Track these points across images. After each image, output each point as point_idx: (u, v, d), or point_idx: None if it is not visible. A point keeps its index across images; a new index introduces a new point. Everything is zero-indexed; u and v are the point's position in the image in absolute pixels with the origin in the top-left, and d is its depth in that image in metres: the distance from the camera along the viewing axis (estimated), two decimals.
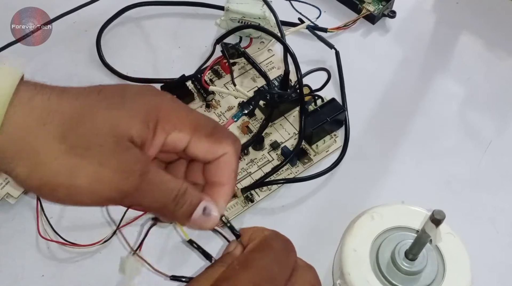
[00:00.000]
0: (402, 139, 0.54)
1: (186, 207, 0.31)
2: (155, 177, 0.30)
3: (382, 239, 0.44)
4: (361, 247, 0.44)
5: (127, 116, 0.30)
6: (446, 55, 0.60)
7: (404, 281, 0.43)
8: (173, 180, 0.31)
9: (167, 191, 0.31)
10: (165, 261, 0.47)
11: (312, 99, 0.53)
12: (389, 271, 0.43)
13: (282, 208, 0.50)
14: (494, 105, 0.56)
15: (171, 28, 0.61)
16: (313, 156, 0.52)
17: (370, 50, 0.60)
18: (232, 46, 0.56)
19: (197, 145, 0.32)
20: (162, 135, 0.31)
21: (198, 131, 0.32)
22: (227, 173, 0.33)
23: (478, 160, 0.53)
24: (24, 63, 0.56)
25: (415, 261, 0.42)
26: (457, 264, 0.43)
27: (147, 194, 0.30)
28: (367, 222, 0.45)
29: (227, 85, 0.56)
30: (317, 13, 0.61)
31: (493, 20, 0.62)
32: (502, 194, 0.51)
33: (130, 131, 0.30)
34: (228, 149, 0.33)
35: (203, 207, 0.32)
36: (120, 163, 0.29)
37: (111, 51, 0.59)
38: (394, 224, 0.45)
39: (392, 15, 0.61)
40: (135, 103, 0.31)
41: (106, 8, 0.61)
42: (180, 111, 0.32)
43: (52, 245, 0.47)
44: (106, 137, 0.29)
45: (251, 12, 0.57)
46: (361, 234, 0.44)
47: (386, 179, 0.52)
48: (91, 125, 0.29)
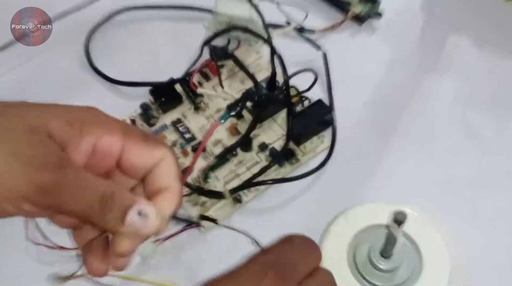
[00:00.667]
0: (390, 139, 0.55)
1: (117, 210, 0.28)
2: (77, 175, 0.28)
3: (358, 240, 0.45)
4: (337, 250, 0.44)
5: (46, 113, 0.29)
6: (435, 55, 0.60)
7: (382, 279, 0.43)
8: (100, 180, 0.29)
9: (92, 191, 0.28)
10: None
11: (299, 101, 0.54)
12: (367, 270, 0.43)
13: (270, 209, 0.50)
14: (485, 104, 0.57)
15: (159, 32, 0.62)
16: (301, 157, 0.53)
17: (358, 51, 0.60)
18: (221, 48, 0.56)
19: (132, 150, 0.30)
20: (90, 138, 0.29)
21: (130, 135, 0.30)
22: (169, 176, 0.31)
23: (468, 161, 0.53)
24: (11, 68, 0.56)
25: (390, 259, 0.43)
26: (435, 259, 0.44)
27: (68, 193, 0.27)
28: (342, 224, 0.46)
29: (215, 87, 0.56)
30: (304, 15, 0.62)
31: (482, 18, 0.62)
32: (502, 194, 0.51)
33: (48, 126, 0.28)
34: (165, 152, 0.31)
35: (138, 209, 0.28)
36: (35, 155, 0.27)
37: (100, 55, 0.59)
38: (368, 224, 0.45)
39: (380, 15, 0.61)
40: (59, 107, 0.30)
41: (95, 13, 0.61)
42: (108, 118, 0.31)
43: (41, 249, 0.47)
44: (21, 130, 0.27)
45: (239, 15, 0.57)
46: (336, 238, 0.45)
47: (374, 179, 0.52)
48: (6, 119, 0.28)
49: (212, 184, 0.51)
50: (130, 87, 0.57)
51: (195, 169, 0.51)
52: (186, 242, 0.49)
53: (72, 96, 0.57)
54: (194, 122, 0.54)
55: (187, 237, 0.49)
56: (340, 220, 0.46)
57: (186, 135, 0.53)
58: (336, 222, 0.46)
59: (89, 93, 0.57)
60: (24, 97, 0.55)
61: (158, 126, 0.54)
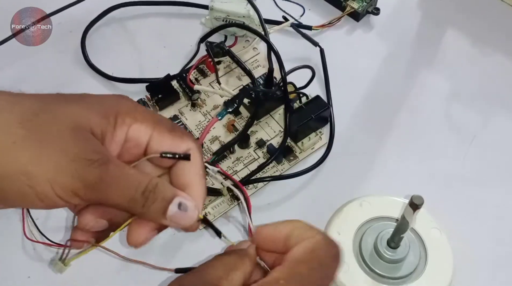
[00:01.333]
0: (388, 135, 0.55)
1: (159, 203, 0.29)
2: (120, 170, 0.29)
3: (366, 228, 0.45)
4: (345, 233, 0.44)
5: (86, 109, 0.29)
6: (431, 51, 0.61)
7: (386, 269, 0.43)
8: (141, 174, 0.30)
9: (135, 184, 0.29)
10: (156, 255, 0.47)
11: (297, 97, 0.53)
12: (372, 260, 0.43)
13: (268, 206, 0.50)
14: (478, 100, 0.57)
15: (156, 28, 0.61)
16: (298, 154, 0.52)
17: (355, 47, 0.60)
18: (217, 45, 0.56)
19: (159, 140, 0.31)
20: (123, 128, 0.30)
21: (159, 125, 0.31)
22: (195, 171, 0.32)
23: (463, 154, 0.53)
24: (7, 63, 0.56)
25: (397, 250, 0.43)
26: (439, 253, 0.44)
27: (113, 187, 0.28)
28: (355, 209, 0.46)
29: (212, 84, 0.56)
30: (301, 11, 0.61)
31: (477, 16, 0.63)
32: (486, 187, 0.52)
33: (89, 123, 0.29)
34: (191, 144, 0.32)
35: (178, 202, 0.30)
36: (82, 151, 0.28)
37: (96, 51, 0.59)
38: (378, 214, 0.46)
39: (376, 12, 0.61)
40: (93, 99, 0.30)
41: (91, 9, 0.60)
42: (139, 107, 0.32)
43: (38, 246, 0.47)
44: (66, 127, 0.28)
45: (236, 11, 0.57)
46: (347, 219, 0.45)
47: (372, 175, 0.52)
48: (50, 115, 0.28)
49: (210, 181, 0.50)
50: (127, 84, 0.57)
51: None
52: None
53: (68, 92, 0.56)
54: (191, 119, 0.54)
55: None
56: (354, 205, 0.46)
57: None
58: (349, 206, 0.46)
59: (85, 89, 0.56)
60: None
61: None
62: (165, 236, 0.48)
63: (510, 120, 0.56)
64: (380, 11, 0.61)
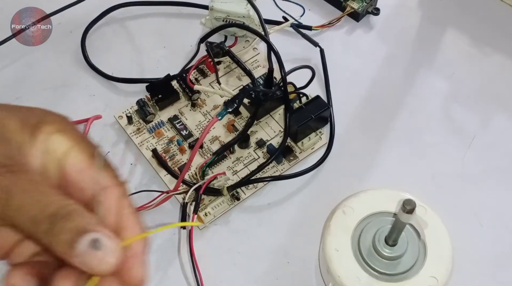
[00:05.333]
0: (388, 135, 0.55)
1: (67, 233, 0.24)
2: (32, 184, 0.25)
3: (362, 227, 0.45)
4: (342, 244, 0.44)
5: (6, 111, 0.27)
6: (431, 52, 0.60)
7: (386, 266, 0.43)
8: (59, 196, 0.25)
9: (43, 203, 0.24)
10: None
11: (297, 97, 0.53)
12: (370, 257, 0.44)
13: (268, 206, 0.50)
14: (478, 101, 0.57)
15: (156, 28, 0.61)
16: (298, 154, 0.52)
17: (355, 47, 0.60)
18: (217, 45, 0.56)
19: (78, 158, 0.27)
20: (43, 137, 0.27)
21: (82, 144, 0.28)
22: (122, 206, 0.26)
23: (462, 155, 0.53)
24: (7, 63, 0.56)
25: (395, 247, 0.43)
26: (438, 250, 0.44)
27: (16, 201, 0.24)
28: (340, 218, 0.45)
29: (212, 84, 0.56)
30: (301, 11, 0.61)
31: (477, 16, 0.63)
32: (485, 188, 0.52)
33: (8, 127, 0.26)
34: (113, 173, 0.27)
35: (93, 238, 0.23)
36: None
37: (96, 51, 0.58)
38: (369, 212, 0.46)
39: (376, 12, 0.61)
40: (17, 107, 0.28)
41: (91, 9, 0.60)
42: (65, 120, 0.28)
43: None
44: None
45: (236, 11, 0.57)
46: (338, 231, 0.45)
47: (372, 175, 0.52)
48: None
49: None
50: (127, 84, 0.57)
51: (192, 166, 0.50)
52: None
53: (68, 92, 0.56)
54: (191, 119, 0.54)
55: None
56: (337, 214, 0.46)
57: (183, 132, 0.53)
58: (334, 218, 0.46)
59: (85, 89, 0.56)
60: (19, 93, 0.56)
61: (155, 122, 0.54)
62: (165, 236, 0.48)
63: (510, 120, 0.56)
64: (380, 11, 0.61)
